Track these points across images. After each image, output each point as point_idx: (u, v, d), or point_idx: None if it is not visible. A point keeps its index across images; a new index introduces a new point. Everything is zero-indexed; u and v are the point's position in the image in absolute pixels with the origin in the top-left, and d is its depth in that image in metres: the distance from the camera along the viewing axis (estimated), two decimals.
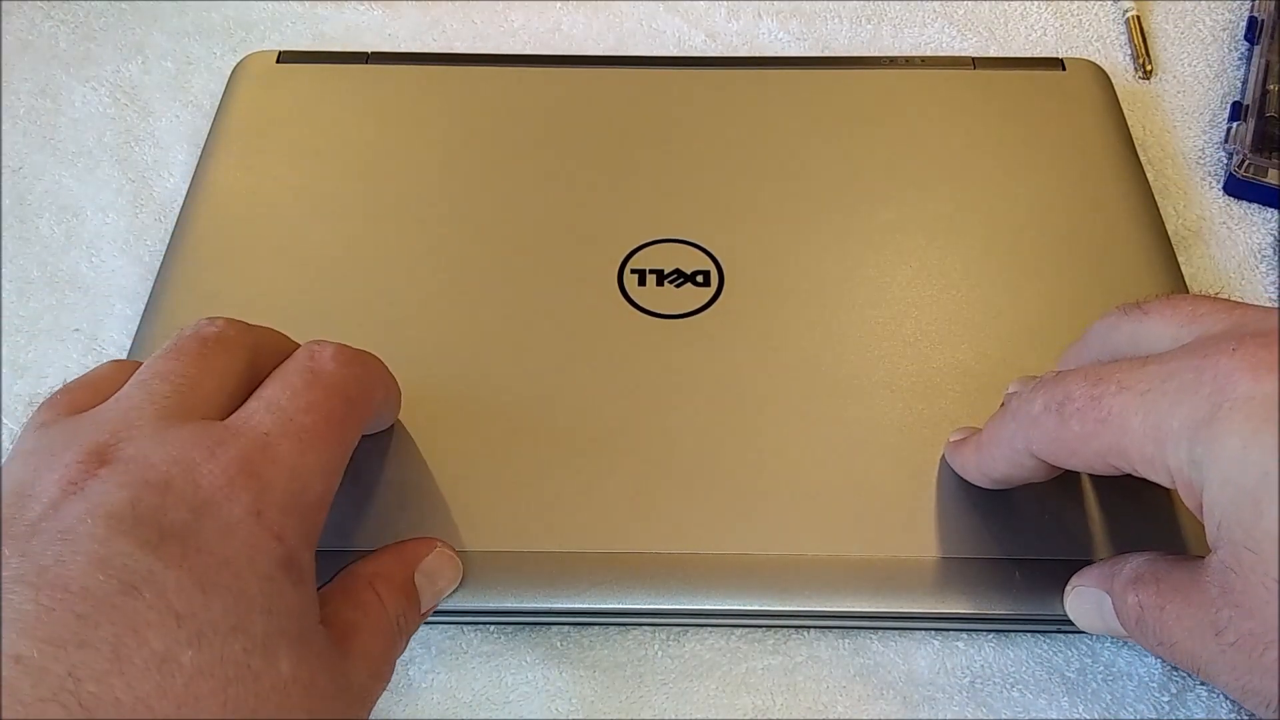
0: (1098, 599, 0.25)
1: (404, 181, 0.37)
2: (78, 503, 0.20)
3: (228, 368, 0.24)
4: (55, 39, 0.45)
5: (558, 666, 0.28)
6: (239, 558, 0.21)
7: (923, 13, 0.46)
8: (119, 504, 0.20)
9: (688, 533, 0.28)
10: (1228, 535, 0.21)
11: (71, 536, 0.20)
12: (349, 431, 0.25)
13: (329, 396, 0.24)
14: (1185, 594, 0.22)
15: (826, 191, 0.36)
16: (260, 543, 0.21)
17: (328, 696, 0.21)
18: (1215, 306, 0.23)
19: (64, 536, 0.20)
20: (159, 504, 0.21)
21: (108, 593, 0.19)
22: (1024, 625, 0.28)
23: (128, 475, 0.21)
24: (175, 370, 0.24)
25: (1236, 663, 0.21)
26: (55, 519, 0.20)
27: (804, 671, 0.28)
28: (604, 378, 0.31)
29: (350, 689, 0.22)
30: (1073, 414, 0.23)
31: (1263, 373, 0.20)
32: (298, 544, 0.22)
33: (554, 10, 0.47)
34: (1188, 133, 0.42)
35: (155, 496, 0.21)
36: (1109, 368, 0.23)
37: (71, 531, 0.20)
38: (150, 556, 0.20)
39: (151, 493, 0.21)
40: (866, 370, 0.31)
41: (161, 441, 0.22)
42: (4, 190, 0.40)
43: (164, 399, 0.23)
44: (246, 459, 0.22)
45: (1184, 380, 0.21)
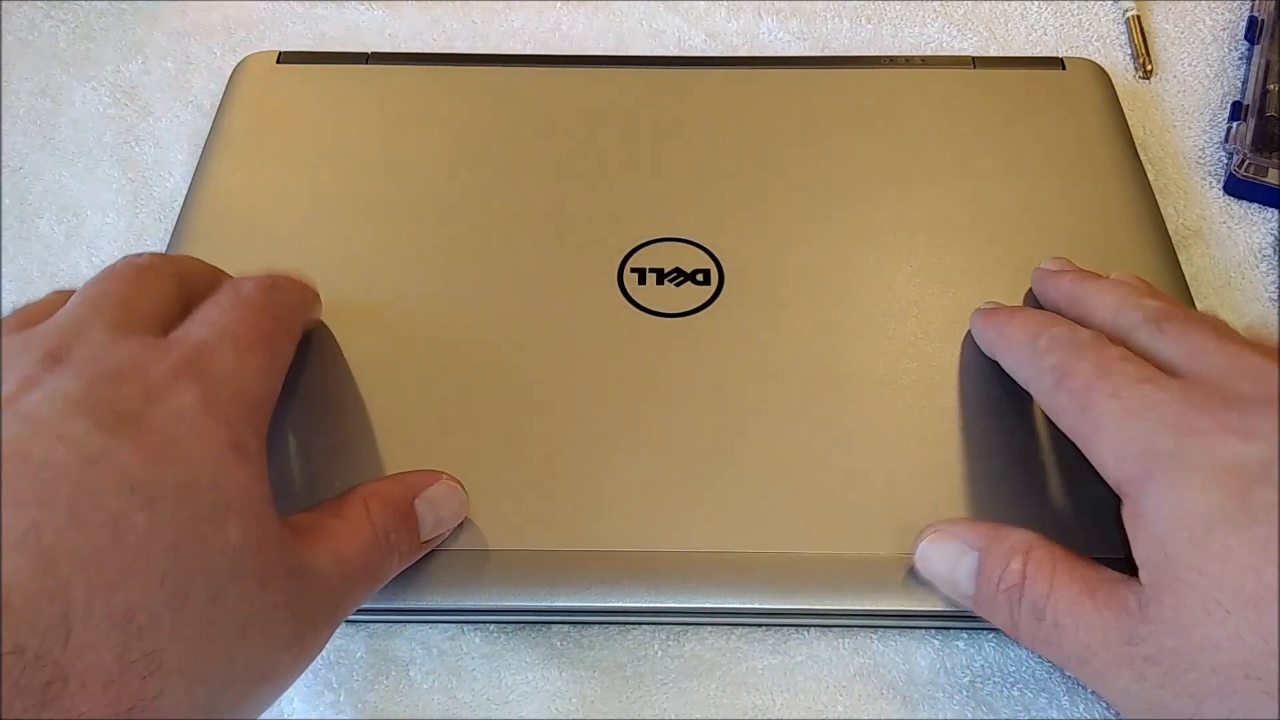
0: (959, 553, 0.26)
1: (404, 181, 0.37)
2: (37, 392, 0.22)
3: (160, 291, 0.26)
4: (55, 39, 0.45)
5: (558, 666, 0.28)
6: (188, 438, 0.22)
7: (923, 12, 0.46)
8: (75, 391, 0.22)
9: (688, 531, 0.28)
10: (1170, 552, 0.22)
11: (31, 418, 0.21)
12: (280, 343, 0.27)
13: (256, 313, 0.26)
14: (1091, 590, 0.23)
15: (826, 190, 0.36)
16: (208, 426, 0.23)
17: (280, 572, 0.23)
18: (1221, 347, 0.25)
19: (25, 417, 0.21)
20: (113, 393, 0.22)
21: (66, 463, 0.21)
22: None
23: (82, 369, 0.23)
24: (115, 289, 0.25)
25: (1147, 674, 0.21)
26: (14, 406, 0.22)
27: (804, 671, 0.28)
28: (604, 377, 0.31)
29: (310, 573, 0.23)
30: (1066, 389, 0.25)
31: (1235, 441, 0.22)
32: (244, 431, 0.23)
33: (554, 10, 0.47)
34: (1188, 132, 0.42)
35: (109, 386, 0.22)
36: (1118, 365, 0.25)
37: (31, 414, 0.21)
38: (105, 434, 0.21)
39: (105, 383, 0.22)
40: (867, 369, 0.31)
41: (111, 345, 0.24)
42: (4, 190, 0.40)
43: (108, 312, 0.24)
44: (190, 360, 0.24)
45: (1163, 416, 0.23)
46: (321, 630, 0.24)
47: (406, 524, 0.26)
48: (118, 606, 0.19)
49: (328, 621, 0.24)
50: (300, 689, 0.28)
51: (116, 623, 0.19)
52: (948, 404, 0.31)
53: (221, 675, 0.21)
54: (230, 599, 0.21)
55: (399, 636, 0.29)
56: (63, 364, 0.23)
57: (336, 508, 0.26)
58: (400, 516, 0.26)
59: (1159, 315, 0.26)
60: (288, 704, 0.28)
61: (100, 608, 0.19)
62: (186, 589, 0.20)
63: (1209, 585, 0.21)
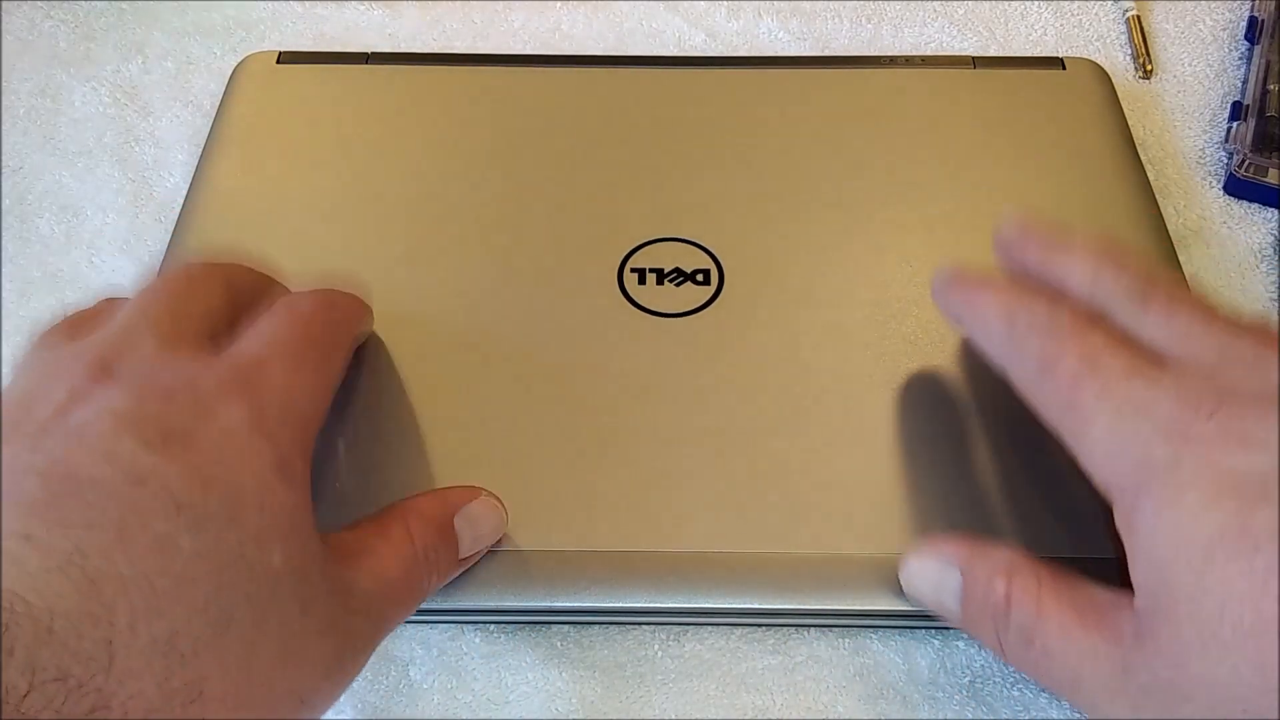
0: (943, 573, 0.25)
1: (404, 181, 0.37)
2: (86, 407, 0.22)
3: (211, 300, 0.26)
4: (55, 39, 0.45)
5: (558, 667, 0.28)
6: (235, 458, 0.22)
7: (923, 12, 0.46)
8: (124, 408, 0.22)
9: (688, 531, 0.28)
10: (1168, 581, 0.21)
11: (80, 434, 0.21)
12: (333, 361, 0.27)
13: (310, 329, 0.26)
14: (1081, 615, 0.23)
15: (826, 190, 0.36)
16: (255, 446, 0.22)
17: (323, 595, 0.22)
18: (1209, 330, 0.24)
19: (73, 434, 0.21)
20: (161, 410, 0.22)
21: (114, 483, 0.20)
22: None
23: (132, 385, 0.22)
24: (165, 296, 0.25)
25: (1142, 705, 0.21)
26: (64, 420, 0.22)
27: (804, 671, 0.28)
28: (604, 376, 0.31)
29: (351, 593, 0.23)
30: (1051, 381, 0.24)
31: (1234, 446, 0.21)
32: (291, 450, 0.23)
33: (554, 10, 0.47)
34: (1188, 132, 0.42)
35: (158, 403, 0.22)
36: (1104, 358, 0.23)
37: (81, 430, 0.21)
38: (153, 454, 0.21)
39: (154, 400, 0.22)
40: (867, 369, 0.31)
41: (162, 359, 0.23)
42: (4, 190, 0.40)
43: (159, 323, 0.24)
44: (241, 376, 0.23)
45: (1156, 419, 0.22)
46: (362, 653, 0.24)
47: (446, 542, 0.26)
48: (162, 632, 0.19)
49: (368, 643, 0.24)
50: None
51: (160, 649, 0.19)
52: (948, 404, 0.31)
53: (262, 702, 0.21)
54: (273, 624, 0.21)
55: (399, 636, 0.29)
56: (112, 378, 0.23)
57: (378, 526, 0.25)
58: (440, 534, 0.26)
59: (1142, 290, 0.25)
60: None
61: (144, 633, 0.19)
62: (230, 614, 0.20)
63: (1207, 618, 0.20)
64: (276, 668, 0.21)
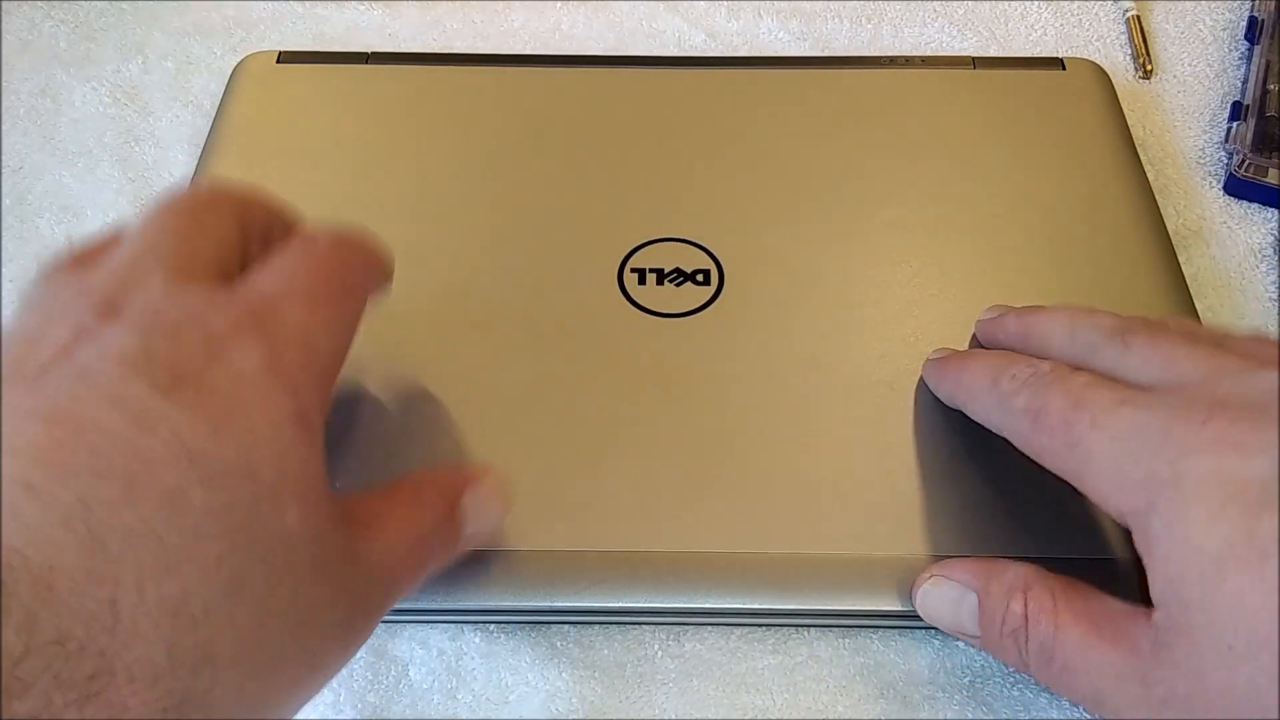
0: (959, 595, 0.25)
1: (404, 182, 0.37)
2: (91, 347, 0.20)
3: (223, 231, 0.24)
4: (55, 39, 0.45)
5: (558, 666, 0.28)
6: (251, 405, 0.21)
7: (923, 13, 0.46)
8: (132, 349, 0.20)
9: (687, 531, 0.28)
10: (1182, 595, 0.21)
11: (86, 377, 0.20)
12: (352, 300, 0.25)
13: (329, 266, 0.25)
14: (1098, 628, 0.23)
15: (826, 191, 0.36)
16: (273, 393, 0.21)
17: (336, 559, 0.21)
18: (1194, 352, 0.24)
19: (78, 376, 0.20)
20: (171, 350, 0.21)
21: (122, 429, 0.19)
22: None
23: (140, 323, 0.21)
24: (174, 227, 0.24)
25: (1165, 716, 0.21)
26: (69, 362, 0.20)
27: (804, 671, 0.28)
28: (604, 377, 0.31)
29: (363, 561, 0.22)
30: (1045, 428, 0.24)
31: (1229, 453, 0.21)
32: (308, 399, 0.22)
33: (554, 10, 0.47)
34: (1188, 132, 0.42)
35: (167, 343, 0.21)
36: (1090, 392, 0.24)
37: (86, 372, 0.20)
38: (164, 399, 0.20)
39: (164, 340, 0.21)
40: (867, 369, 0.31)
41: (171, 293, 0.22)
42: (4, 190, 0.40)
43: (168, 253, 0.23)
44: (255, 315, 0.22)
45: (1152, 438, 0.22)
46: (371, 619, 0.23)
47: (452, 520, 0.25)
48: (171, 592, 0.18)
49: (378, 610, 0.23)
50: None
51: (168, 610, 0.18)
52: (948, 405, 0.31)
53: (274, 667, 0.20)
54: (286, 587, 0.20)
55: (399, 636, 0.29)
56: (119, 315, 0.21)
57: (389, 495, 0.24)
58: (448, 510, 0.25)
59: (1121, 329, 0.25)
60: None
61: (152, 593, 0.18)
62: (243, 575, 0.19)
63: (1221, 630, 0.20)
64: (288, 632, 0.20)
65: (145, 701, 0.17)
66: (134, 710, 0.17)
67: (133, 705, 0.17)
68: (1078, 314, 0.27)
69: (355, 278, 0.25)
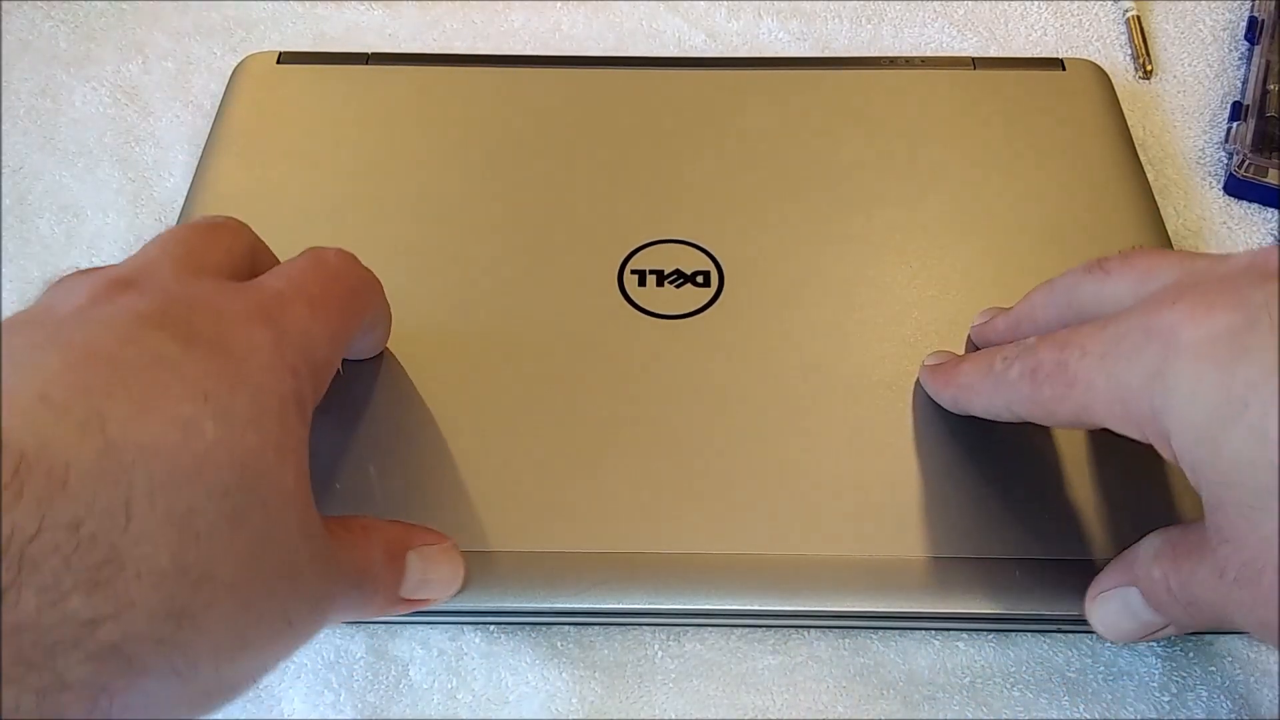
0: (1124, 596, 0.25)
1: (404, 182, 0.37)
2: (107, 306, 0.21)
3: (233, 246, 0.26)
4: (55, 39, 0.45)
5: (558, 667, 0.28)
6: (260, 373, 0.21)
7: (923, 13, 0.46)
8: (149, 309, 0.21)
9: (688, 533, 0.28)
10: (1202, 477, 0.21)
11: (103, 323, 0.20)
12: (351, 314, 0.26)
13: (334, 278, 0.26)
14: (1198, 551, 0.23)
15: (826, 191, 0.36)
16: (278, 371, 0.22)
17: (317, 535, 0.22)
18: (1168, 261, 0.24)
19: (95, 322, 0.20)
20: (186, 315, 0.21)
21: (139, 362, 0.20)
22: (1024, 625, 0.28)
23: (154, 294, 0.22)
24: (187, 237, 0.25)
25: (1243, 599, 0.21)
26: (83, 315, 0.21)
27: (804, 671, 0.28)
28: (604, 378, 0.31)
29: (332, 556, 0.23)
30: (1044, 380, 0.24)
31: (1198, 317, 0.21)
32: (306, 391, 0.23)
33: (554, 10, 0.47)
34: (1188, 133, 0.42)
35: (182, 309, 0.21)
36: (1073, 333, 0.24)
37: (102, 320, 0.21)
38: (181, 346, 0.20)
39: (179, 307, 0.22)
40: (867, 370, 0.31)
41: (181, 280, 0.23)
42: (4, 190, 0.40)
43: (179, 256, 0.24)
44: (263, 306, 0.23)
45: (1136, 339, 0.22)
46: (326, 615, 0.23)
47: (392, 570, 0.25)
48: (179, 505, 0.19)
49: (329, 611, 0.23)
50: (300, 688, 0.28)
51: (176, 522, 0.19)
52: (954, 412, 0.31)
53: (260, 607, 0.20)
54: (279, 536, 0.21)
55: (399, 636, 0.29)
56: (133, 288, 0.22)
57: (346, 522, 0.25)
58: (390, 561, 0.25)
59: (1096, 260, 0.26)
60: (288, 703, 0.28)
61: (162, 502, 0.18)
62: (244, 510, 0.20)
63: (1237, 492, 0.20)
64: (276, 579, 0.21)
65: (149, 600, 0.18)
66: (138, 606, 0.18)
67: (138, 600, 0.18)
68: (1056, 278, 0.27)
69: (357, 295, 0.27)
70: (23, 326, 0.21)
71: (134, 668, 0.18)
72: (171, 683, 0.19)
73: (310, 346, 0.23)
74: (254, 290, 0.24)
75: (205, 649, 0.19)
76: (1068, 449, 0.30)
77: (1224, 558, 0.22)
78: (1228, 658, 0.28)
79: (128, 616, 0.18)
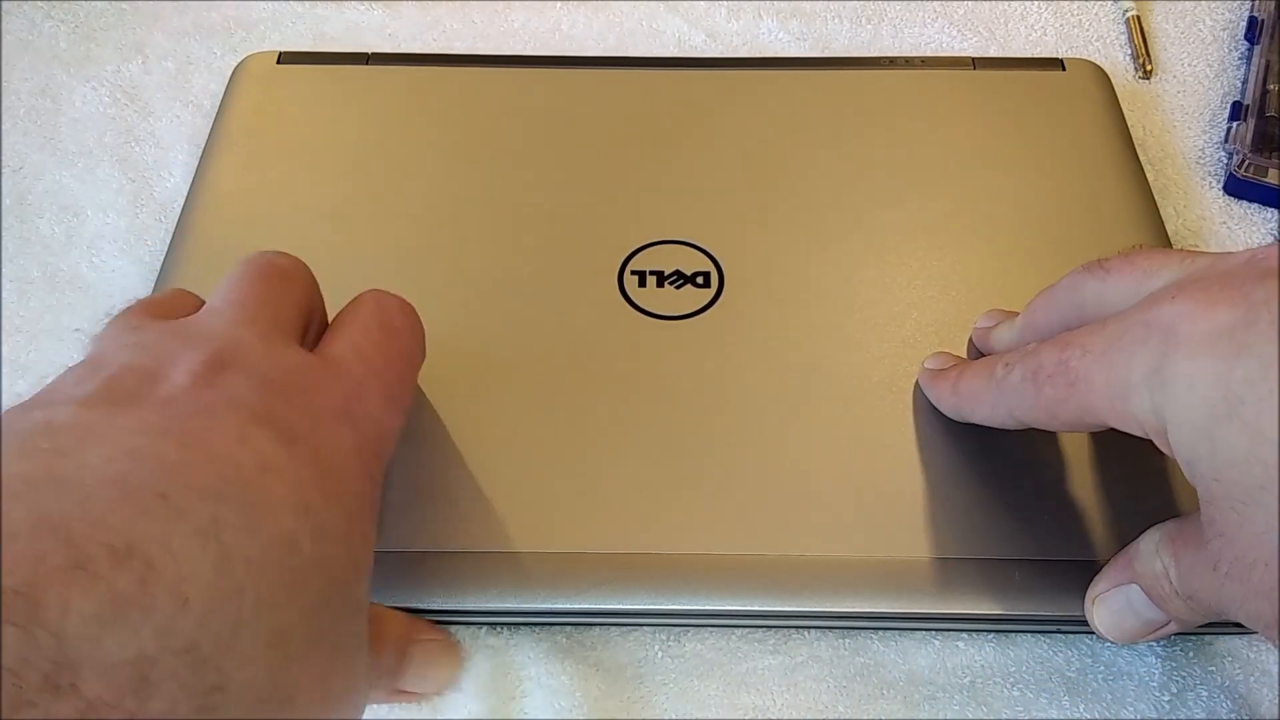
0: (1126, 594, 0.25)
1: (404, 182, 0.37)
2: (212, 391, 0.21)
3: (302, 300, 0.25)
4: (55, 39, 0.45)
5: (559, 667, 0.28)
6: (349, 479, 0.22)
7: (923, 13, 0.46)
8: (251, 399, 0.21)
9: (688, 533, 0.28)
10: (1197, 471, 0.21)
11: (213, 413, 0.20)
12: (411, 386, 0.26)
13: (402, 355, 0.26)
14: (1196, 543, 0.23)
15: (826, 192, 0.36)
16: (360, 477, 0.22)
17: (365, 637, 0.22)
18: (1168, 259, 0.24)
19: (206, 412, 0.20)
20: (285, 411, 0.21)
21: (248, 466, 0.20)
22: (1024, 625, 0.28)
23: (253, 379, 0.22)
24: (263, 294, 0.24)
25: (1234, 593, 0.21)
26: (192, 398, 0.21)
27: (804, 671, 0.28)
28: (604, 379, 0.31)
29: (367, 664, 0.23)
30: (1045, 381, 0.24)
31: (1198, 313, 0.21)
32: (376, 492, 0.23)
33: (554, 10, 0.47)
34: (1188, 133, 0.42)
35: (281, 403, 0.21)
36: (1074, 334, 0.24)
37: (213, 410, 0.20)
38: (284, 450, 0.20)
39: (278, 399, 0.21)
40: (867, 371, 0.31)
41: (273, 359, 0.23)
42: (4, 190, 0.40)
43: (258, 319, 0.24)
44: (346, 398, 0.23)
45: (1135, 335, 0.22)
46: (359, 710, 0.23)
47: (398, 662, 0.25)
48: (278, 626, 0.18)
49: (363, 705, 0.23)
50: None
51: (274, 643, 0.18)
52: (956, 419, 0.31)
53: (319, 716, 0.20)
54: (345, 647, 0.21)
55: None
56: (230, 370, 0.22)
57: None
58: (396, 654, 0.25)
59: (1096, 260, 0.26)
60: None
61: (266, 622, 0.18)
62: (324, 628, 0.20)
63: (1231, 488, 0.20)
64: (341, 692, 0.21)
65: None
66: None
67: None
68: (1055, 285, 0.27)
69: (415, 362, 0.27)
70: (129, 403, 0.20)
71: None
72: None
73: (381, 441, 0.24)
74: (336, 376, 0.23)
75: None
76: (1068, 450, 0.30)
77: (1217, 551, 0.22)
78: (1228, 658, 0.28)
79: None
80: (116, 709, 0.16)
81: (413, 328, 0.27)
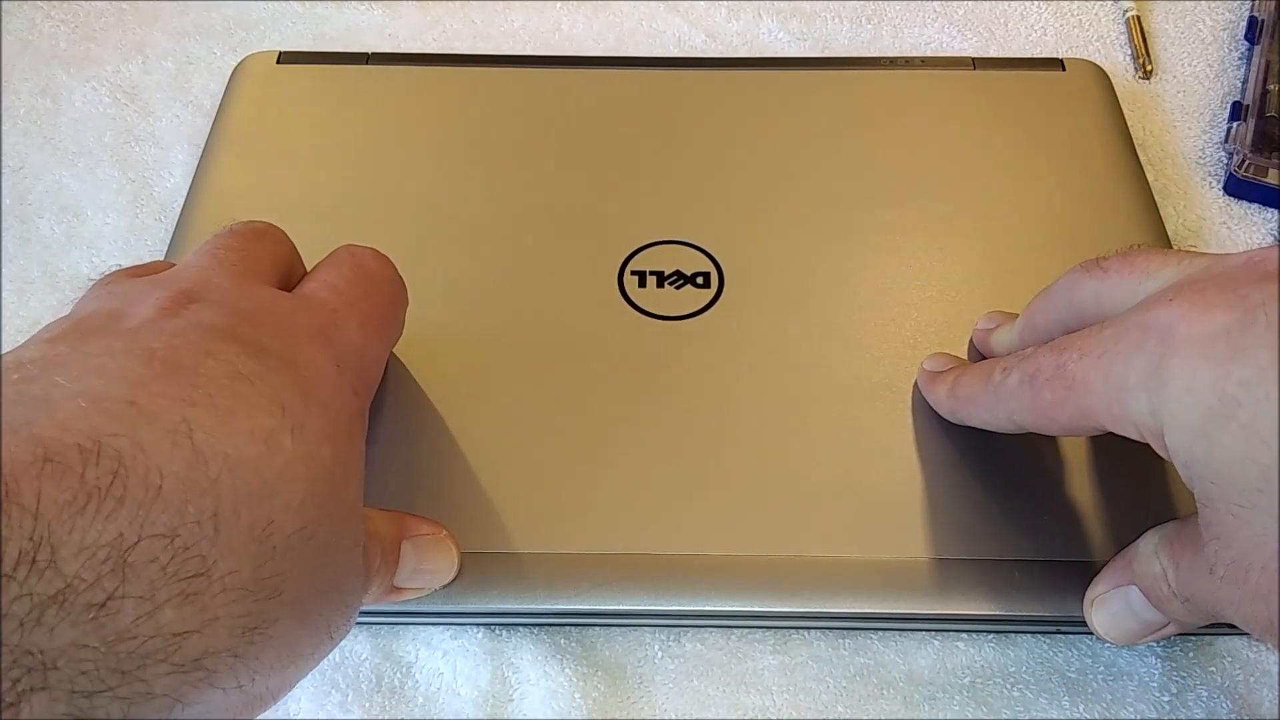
0: (1125, 596, 0.25)
1: (404, 182, 0.37)
2: (177, 319, 0.21)
3: (277, 253, 0.26)
4: (55, 39, 0.45)
5: (559, 666, 0.28)
6: (328, 388, 0.22)
7: (923, 13, 0.46)
8: (219, 322, 0.21)
9: (688, 533, 0.28)
10: (1194, 474, 0.21)
11: (179, 334, 0.21)
12: (393, 327, 0.27)
13: (378, 288, 0.26)
14: (1194, 546, 0.23)
15: (826, 192, 0.36)
16: (342, 390, 0.22)
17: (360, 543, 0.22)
18: (1166, 260, 0.24)
19: (172, 334, 0.20)
20: (255, 331, 0.21)
21: (219, 375, 0.20)
22: (1024, 625, 0.28)
23: (220, 307, 0.22)
24: (236, 245, 0.25)
25: (1230, 596, 0.21)
26: (157, 325, 0.21)
27: (804, 671, 0.28)
28: (604, 379, 0.31)
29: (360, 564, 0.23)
30: (1043, 384, 0.24)
31: (1195, 315, 0.21)
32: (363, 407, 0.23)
33: (554, 10, 0.47)
34: (1188, 133, 0.42)
35: (250, 324, 0.22)
36: (1072, 337, 0.24)
37: (178, 332, 0.21)
38: (256, 361, 0.21)
39: (246, 322, 0.22)
40: (867, 371, 0.31)
41: (243, 292, 0.23)
42: (4, 190, 0.40)
43: (233, 264, 0.24)
44: (321, 324, 0.23)
45: (1133, 337, 0.22)
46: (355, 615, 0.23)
47: (390, 559, 0.25)
48: (260, 519, 0.19)
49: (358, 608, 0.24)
50: (307, 689, 0.28)
51: (256, 536, 0.19)
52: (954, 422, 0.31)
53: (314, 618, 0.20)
54: (338, 551, 0.21)
55: (403, 637, 0.29)
56: (198, 302, 0.22)
57: None
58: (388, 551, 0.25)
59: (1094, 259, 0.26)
60: (294, 703, 0.28)
61: (245, 514, 0.18)
62: (315, 524, 0.20)
63: (1227, 490, 0.20)
64: (331, 591, 0.21)
65: (230, 614, 0.18)
66: (221, 620, 0.18)
67: (221, 614, 0.18)
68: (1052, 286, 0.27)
69: (396, 306, 0.27)
70: (95, 334, 0.21)
71: (209, 680, 0.18)
72: (233, 695, 0.19)
73: (364, 367, 0.24)
74: (310, 306, 0.24)
75: (266, 662, 0.19)
76: (1067, 451, 0.30)
77: (1213, 554, 0.22)
78: (1228, 658, 0.28)
79: (211, 630, 0.18)
80: (96, 588, 0.16)
81: (386, 270, 0.27)
